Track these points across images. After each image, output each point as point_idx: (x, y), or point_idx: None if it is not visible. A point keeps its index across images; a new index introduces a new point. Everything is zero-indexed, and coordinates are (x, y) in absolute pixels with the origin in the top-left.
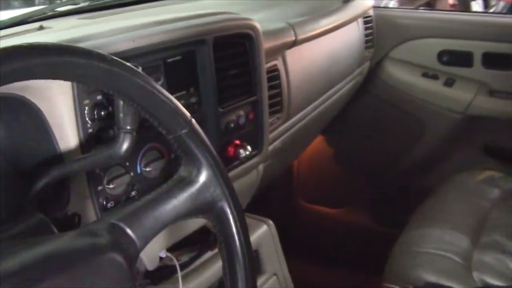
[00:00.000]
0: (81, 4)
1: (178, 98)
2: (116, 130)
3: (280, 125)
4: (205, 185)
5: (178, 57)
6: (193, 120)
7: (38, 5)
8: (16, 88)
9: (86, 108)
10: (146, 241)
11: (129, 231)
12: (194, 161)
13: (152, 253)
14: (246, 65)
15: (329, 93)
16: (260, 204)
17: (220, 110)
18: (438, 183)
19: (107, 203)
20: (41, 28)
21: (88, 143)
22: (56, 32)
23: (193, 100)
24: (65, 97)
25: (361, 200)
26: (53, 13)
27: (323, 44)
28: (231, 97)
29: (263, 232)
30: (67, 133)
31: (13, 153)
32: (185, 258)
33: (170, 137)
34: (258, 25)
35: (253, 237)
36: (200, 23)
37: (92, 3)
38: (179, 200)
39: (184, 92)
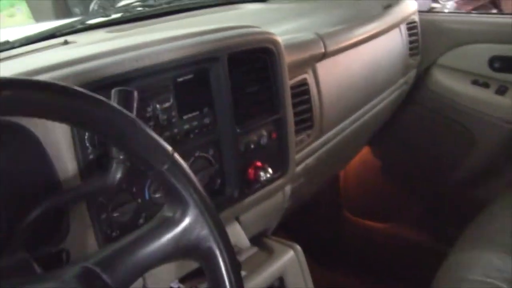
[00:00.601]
0: (113, 16)
1: (190, 120)
2: (109, 159)
3: (312, 142)
4: (190, 225)
5: (189, 76)
6: (176, 154)
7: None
8: None
9: (86, 133)
10: (125, 287)
11: (104, 276)
12: (178, 200)
13: (162, 284)
14: (267, 81)
15: (370, 104)
16: (305, 217)
17: (238, 130)
18: (490, 198)
19: (111, 232)
20: (65, 42)
21: (89, 170)
22: (78, 48)
23: (207, 120)
24: None
25: (409, 214)
26: (83, 26)
27: (361, 54)
28: (251, 116)
29: (289, 258)
30: (64, 160)
31: (9, 181)
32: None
33: (150, 174)
34: (278, 39)
35: (278, 263)
36: (212, 39)
37: (124, 15)
38: (162, 242)
39: (197, 113)
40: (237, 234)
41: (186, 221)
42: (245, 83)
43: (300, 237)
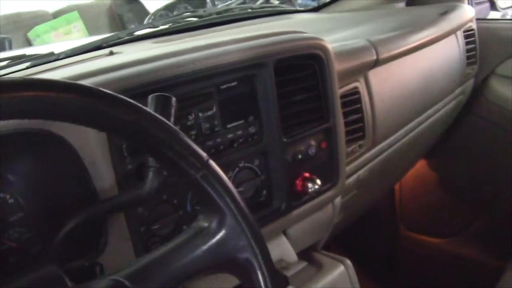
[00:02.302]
0: (161, 27)
1: (235, 128)
2: (146, 168)
3: (364, 153)
4: (227, 236)
5: (233, 83)
6: (211, 161)
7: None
8: (43, 121)
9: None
10: None
11: None
12: (213, 209)
13: None
14: (316, 89)
15: (425, 114)
16: (360, 232)
17: (285, 139)
18: None
19: (151, 245)
20: (111, 53)
21: (127, 180)
22: (123, 57)
23: (252, 129)
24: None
25: (468, 230)
26: (130, 37)
27: (415, 62)
28: (299, 125)
29: (339, 273)
30: (101, 170)
31: (44, 191)
32: None
33: (184, 182)
34: (327, 45)
35: (328, 279)
36: (257, 44)
37: (172, 26)
38: (196, 254)
39: (242, 122)
40: (284, 248)
41: (223, 231)
42: (292, 91)
43: (355, 253)
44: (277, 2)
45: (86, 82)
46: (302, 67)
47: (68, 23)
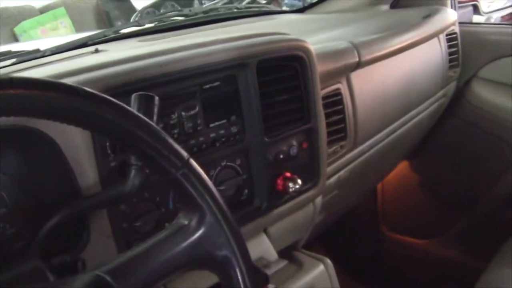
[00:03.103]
0: (146, 26)
1: (217, 128)
2: (128, 166)
3: (345, 154)
4: (206, 233)
5: (216, 83)
6: (191, 160)
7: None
8: (27, 119)
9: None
10: None
11: (115, 285)
12: (193, 207)
13: None
14: (298, 90)
15: (407, 116)
16: (343, 232)
17: (267, 139)
18: None
19: (133, 242)
20: (96, 51)
21: (110, 177)
22: (107, 55)
23: (234, 129)
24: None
25: (450, 231)
26: (116, 35)
27: (397, 64)
28: (280, 125)
29: (319, 272)
30: (85, 167)
31: (27, 188)
32: None
33: (164, 179)
34: (310, 46)
35: (308, 277)
36: (240, 45)
37: (158, 25)
38: (176, 251)
39: (224, 121)
40: (265, 247)
41: (202, 229)
42: (275, 91)
43: (338, 254)
44: (263, 2)
45: (70, 80)
46: (284, 68)
47: (55, 19)
